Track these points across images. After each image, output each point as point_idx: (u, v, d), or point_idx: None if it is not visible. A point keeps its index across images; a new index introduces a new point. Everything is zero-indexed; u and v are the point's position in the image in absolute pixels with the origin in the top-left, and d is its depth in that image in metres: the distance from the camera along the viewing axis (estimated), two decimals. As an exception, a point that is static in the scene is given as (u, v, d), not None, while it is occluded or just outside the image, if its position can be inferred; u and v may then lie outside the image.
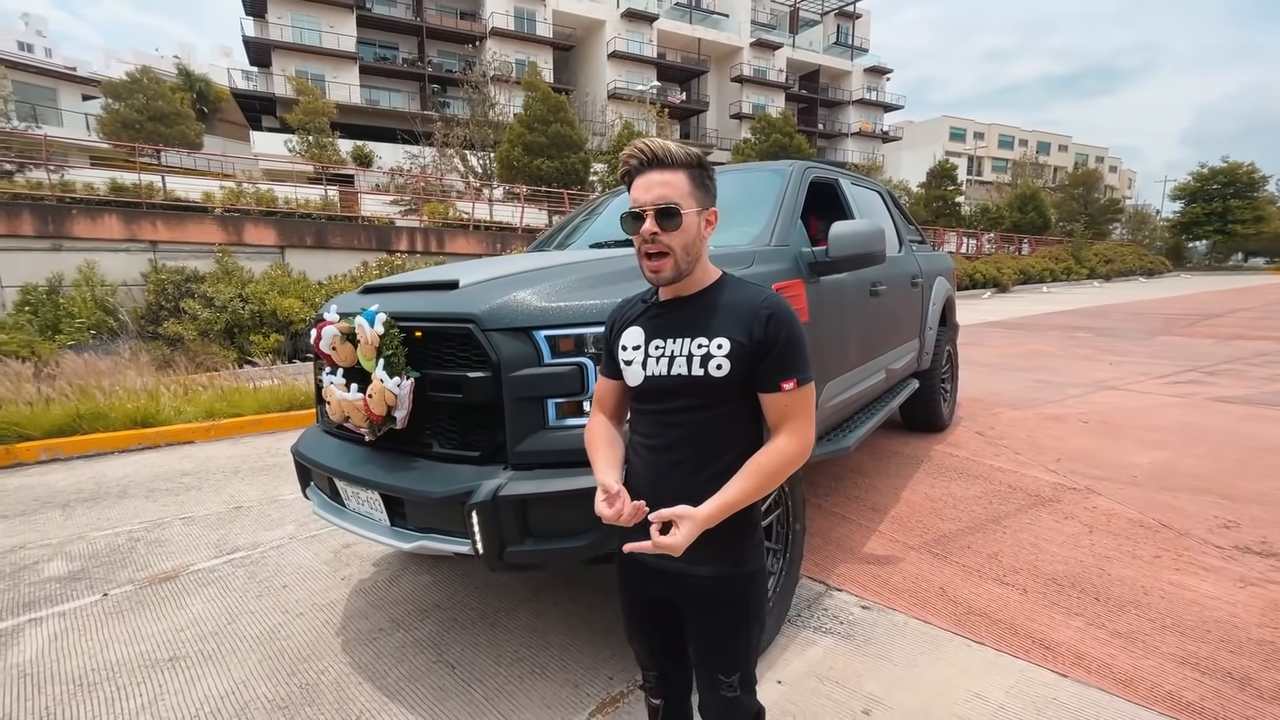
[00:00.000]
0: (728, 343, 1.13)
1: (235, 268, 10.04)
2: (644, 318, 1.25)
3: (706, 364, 1.14)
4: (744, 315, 1.15)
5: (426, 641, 2.34)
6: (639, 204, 1.13)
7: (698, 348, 1.15)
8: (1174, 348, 9.19)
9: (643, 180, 1.14)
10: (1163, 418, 5.14)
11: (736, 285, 1.23)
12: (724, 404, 1.17)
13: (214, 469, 4.63)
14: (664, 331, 1.20)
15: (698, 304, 1.20)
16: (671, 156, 1.14)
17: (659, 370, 1.18)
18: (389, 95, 32.98)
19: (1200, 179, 45.50)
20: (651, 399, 1.21)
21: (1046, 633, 2.25)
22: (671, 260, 1.14)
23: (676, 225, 1.11)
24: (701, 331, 1.16)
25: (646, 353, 1.21)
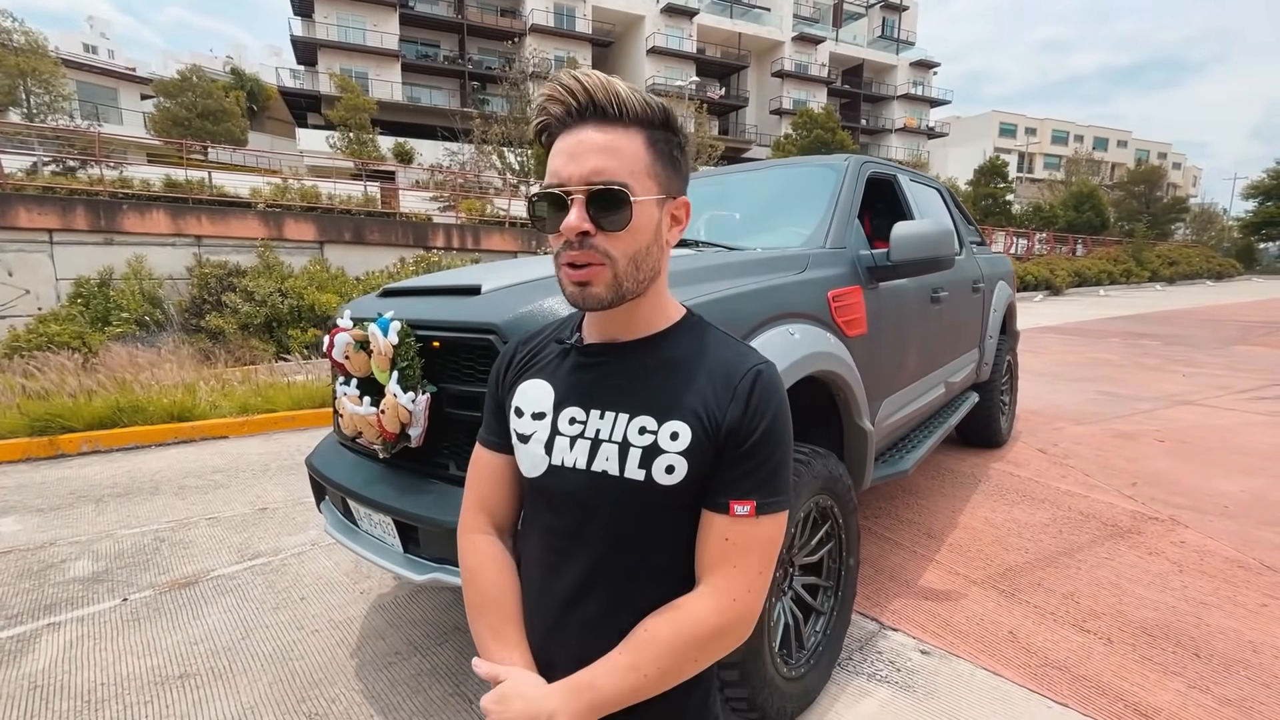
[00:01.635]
0: (687, 431, 0.73)
1: (276, 262, 10.19)
2: (556, 369, 0.82)
3: (650, 462, 0.73)
4: (716, 385, 0.75)
5: (444, 670, 2.18)
6: (560, 179, 0.71)
7: (639, 433, 0.74)
8: (1254, 359, 8.51)
9: (569, 141, 0.71)
10: (1251, 439, 4.68)
11: (706, 333, 0.81)
12: (664, 529, 0.76)
13: (244, 466, 4.60)
14: (586, 396, 0.78)
15: (645, 356, 0.78)
16: (621, 103, 0.70)
17: (572, 460, 0.77)
18: (430, 93, 33.44)
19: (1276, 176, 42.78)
20: (554, 502, 0.80)
21: (1141, 695, 1.96)
22: (607, 272, 0.71)
23: (622, 222, 0.70)
24: (648, 406, 0.75)
25: (554, 427, 0.79)
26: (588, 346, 0.81)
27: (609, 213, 0.70)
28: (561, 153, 0.72)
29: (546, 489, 0.80)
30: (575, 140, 0.71)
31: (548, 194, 0.72)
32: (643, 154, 0.72)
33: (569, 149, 0.71)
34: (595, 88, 0.70)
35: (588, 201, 0.70)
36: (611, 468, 0.75)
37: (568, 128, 0.73)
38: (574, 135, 0.71)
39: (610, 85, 0.71)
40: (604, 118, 0.71)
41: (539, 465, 0.80)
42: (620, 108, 0.71)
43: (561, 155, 0.72)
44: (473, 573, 0.87)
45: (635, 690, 0.72)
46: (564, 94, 0.71)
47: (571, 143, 0.71)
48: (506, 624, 0.83)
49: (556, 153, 0.73)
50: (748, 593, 0.73)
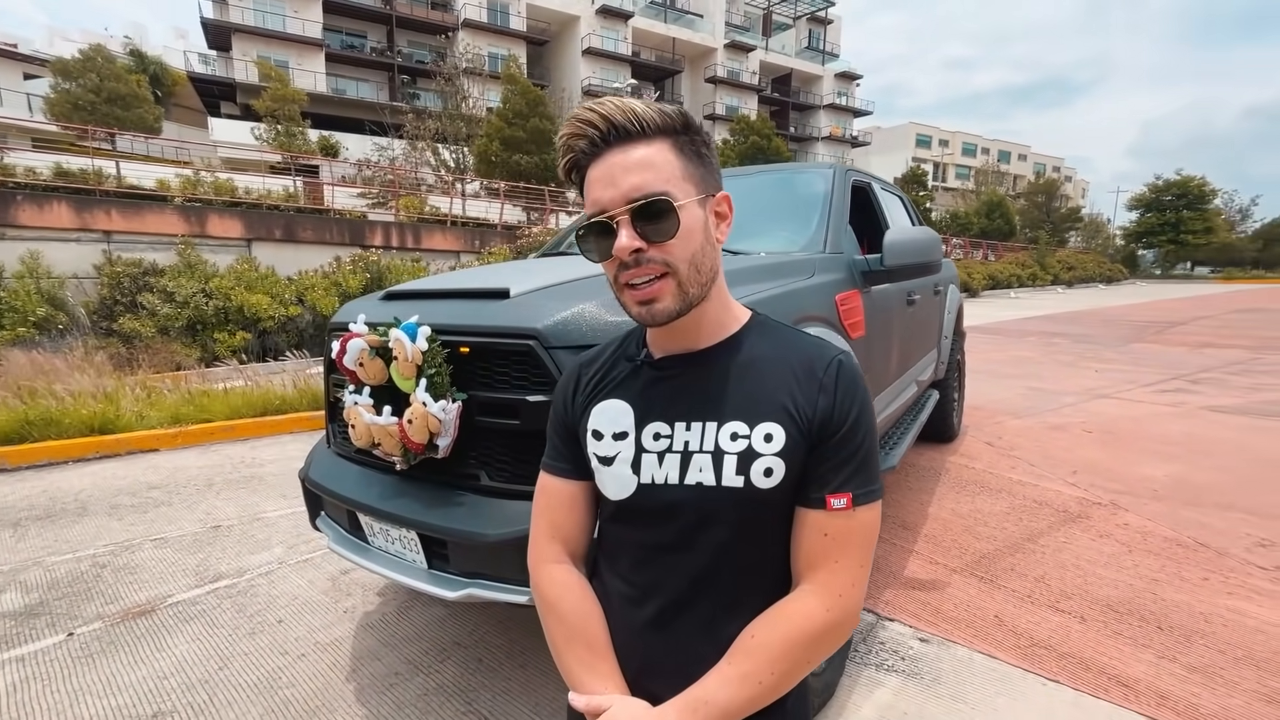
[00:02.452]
0: (780, 431, 0.72)
1: (198, 261, 9.47)
2: (630, 386, 0.80)
3: (748, 467, 0.72)
4: (801, 378, 0.74)
5: (451, 687, 2.10)
6: (602, 206, 0.71)
7: (731, 439, 0.73)
8: (1152, 356, 9.40)
9: (602, 169, 0.72)
10: (1164, 428, 5.17)
11: (777, 331, 0.81)
12: (763, 529, 0.75)
13: (184, 481, 4.26)
14: (668, 410, 0.77)
15: (720, 363, 0.77)
16: (639, 120, 0.71)
17: (663, 476, 0.75)
18: (356, 85, 31.99)
19: (1155, 190, 47.48)
20: (644, 521, 0.78)
21: (1120, 668, 2.12)
22: (673, 284, 0.71)
23: (671, 230, 0.70)
24: (736, 410, 0.74)
25: (639, 445, 0.77)
26: (661, 360, 0.80)
27: (656, 223, 0.70)
28: (597, 182, 0.72)
29: (638, 509, 0.78)
30: (606, 166, 0.72)
31: (594, 224, 0.72)
32: (673, 160, 0.72)
33: (603, 176, 0.72)
34: (611, 113, 0.71)
35: (633, 219, 0.70)
36: (707, 478, 0.73)
37: (595, 158, 0.73)
38: (604, 162, 0.72)
39: (625, 106, 0.72)
40: (628, 138, 0.72)
41: (627, 486, 0.77)
42: (640, 123, 0.72)
43: (598, 184, 0.72)
44: (552, 604, 0.83)
45: (752, 701, 0.70)
46: (584, 127, 0.72)
47: (603, 170, 0.72)
48: (596, 654, 0.79)
49: (592, 183, 0.73)
50: (852, 587, 0.73)
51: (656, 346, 0.81)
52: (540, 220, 17.92)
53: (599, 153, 0.73)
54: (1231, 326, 13.73)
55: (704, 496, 0.74)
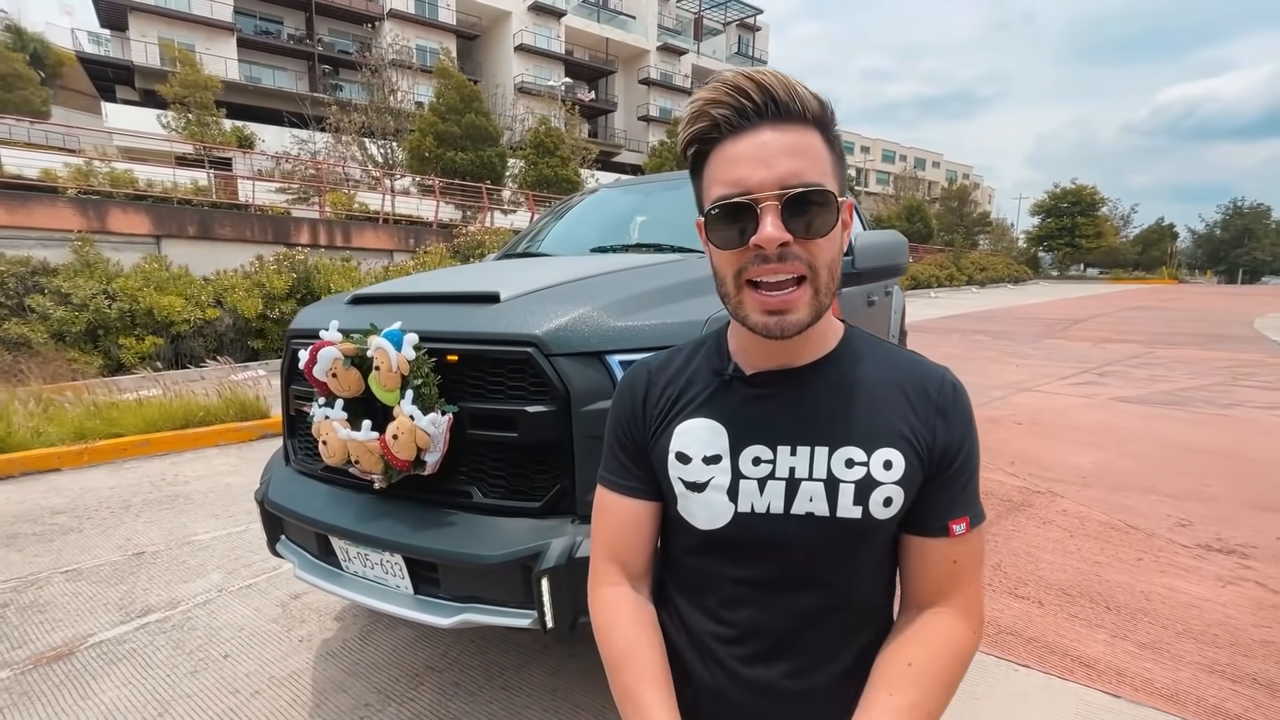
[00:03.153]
0: (899, 458, 0.67)
1: (98, 259, 8.62)
2: (720, 403, 0.73)
3: (867, 497, 0.67)
4: (916, 401, 0.70)
5: (429, 716, 1.97)
6: (748, 188, 0.62)
7: (845, 466, 0.67)
8: (1062, 351, 10.14)
9: (748, 146, 0.63)
10: (1082, 418, 5.57)
11: (875, 344, 0.76)
12: (870, 562, 0.72)
13: (95, 504, 3.85)
14: (769, 432, 0.70)
15: (826, 381, 0.71)
16: (803, 102, 0.63)
17: (765, 505, 0.69)
18: (273, 74, 30.13)
19: (1054, 197, 51.40)
20: (738, 554, 0.72)
21: (1080, 649, 2.25)
22: (809, 292, 0.64)
23: (826, 227, 0.63)
24: (849, 435, 0.68)
25: (736, 469, 0.70)
26: (756, 376, 0.72)
27: (811, 217, 0.62)
28: (744, 159, 0.63)
29: (732, 540, 0.71)
30: (756, 143, 0.63)
31: (733, 205, 0.63)
32: (826, 153, 0.65)
33: (753, 154, 0.62)
34: (774, 85, 0.62)
35: (784, 209, 0.62)
36: (819, 508, 0.68)
37: (739, 132, 0.64)
38: (752, 139, 0.63)
39: (789, 82, 0.63)
40: (785, 117, 0.63)
41: (722, 515, 0.70)
42: (803, 105, 0.63)
43: (745, 162, 0.63)
44: (604, 630, 0.77)
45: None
46: (735, 95, 0.63)
47: (753, 147, 0.63)
48: (642, 684, 0.72)
49: (734, 160, 0.64)
50: (981, 606, 0.73)
51: (749, 358, 0.73)
52: (475, 219, 17.44)
53: (746, 127, 0.63)
54: (1125, 323, 15.04)
55: (814, 528, 0.68)
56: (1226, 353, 9.85)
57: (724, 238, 0.65)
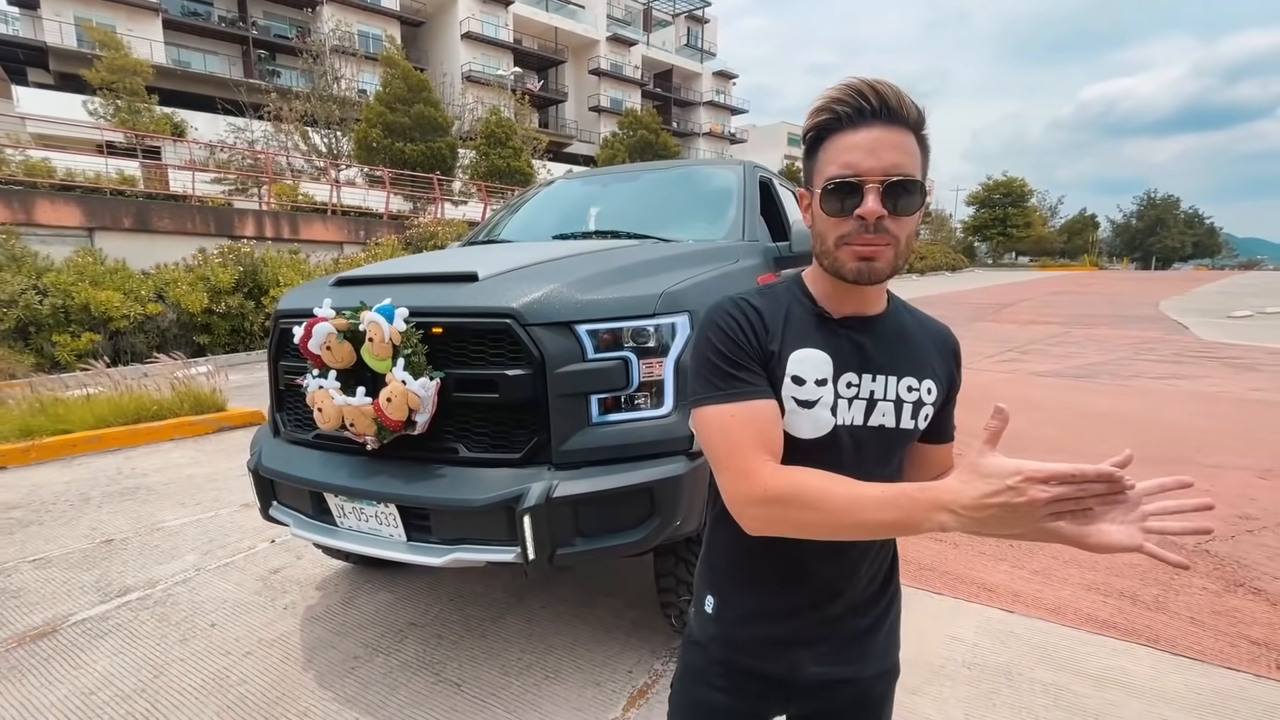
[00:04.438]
0: (935, 387, 0.90)
1: (25, 253, 8.23)
2: (821, 337, 0.88)
3: (918, 413, 0.89)
4: (943, 349, 0.95)
5: (416, 663, 2.16)
6: (859, 171, 0.79)
7: (908, 391, 0.88)
8: (990, 332, 10.88)
9: (862, 138, 0.79)
10: (1003, 391, 6.10)
11: (909, 309, 0.97)
12: (899, 459, 0.95)
13: (51, 498, 3.82)
14: (857, 363, 0.88)
15: (889, 327, 0.91)
16: (907, 109, 0.80)
17: (850, 418, 0.87)
18: (204, 58, 28.68)
19: (987, 189, 53.98)
20: (825, 458, 0.84)
21: (985, 577, 2.61)
22: (890, 251, 0.81)
23: (915, 206, 0.80)
24: (908, 369, 0.89)
25: (836, 391, 0.86)
26: (844, 319, 0.89)
27: (903, 200, 0.79)
28: (857, 148, 0.79)
29: (828, 448, 0.86)
30: (870, 138, 0.79)
31: (847, 183, 0.80)
32: (917, 152, 0.82)
33: (866, 145, 0.79)
34: (889, 94, 0.79)
35: (884, 191, 0.78)
36: (889, 421, 0.87)
37: (852, 126, 0.80)
38: (865, 133, 0.79)
39: (899, 92, 0.80)
40: (893, 120, 0.79)
41: (824, 427, 0.86)
42: (907, 112, 0.80)
43: (858, 150, 0.79)
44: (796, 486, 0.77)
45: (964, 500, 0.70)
46: (856, 96, 0.79)
47: (866, 139, 0.79)
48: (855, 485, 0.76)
49: (849, 147, 0.80)
50: None
51: (835, 305, 0.89)
52: (427, 210, 17.20)
53: (861, 122, 0.79)
54: (1049, 306, 16.13)
55: (884, 436, 0.88)
56: (1133, 331, 10.77)
57: (834, 206, 0.81)
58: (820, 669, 0.93)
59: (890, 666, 0.99)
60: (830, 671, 0.93)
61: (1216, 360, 7.89)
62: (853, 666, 0.94)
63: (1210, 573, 2.64)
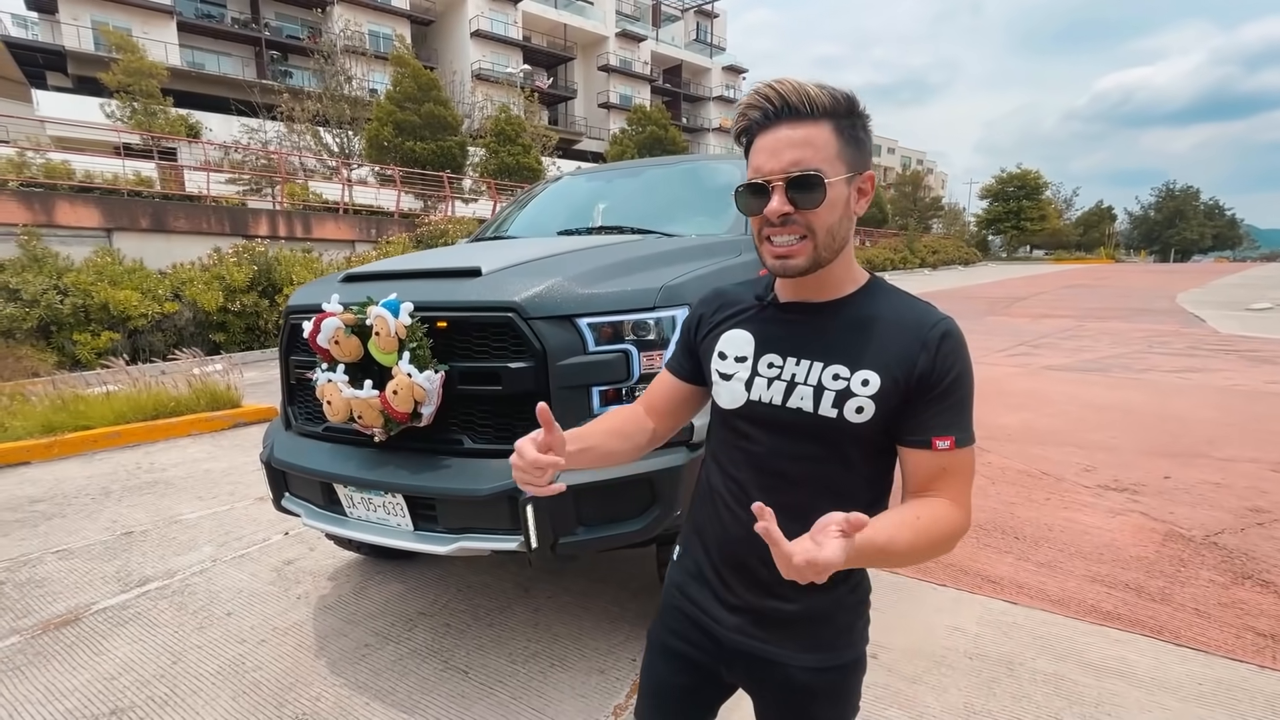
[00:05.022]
0: (876, 379, 0.84)
1: (46, 253, 8.40)
2: (755, 320, 0.95)
3: (843, 403, 0.85)
4: (904, 336, 0.86)
5: (426, 650, 2.21)
6: (762, 173, 0.83)
7: (833, 379, 0.86)
8: (1002, 326, 10.79)
9: (769, 140, 0.83)
10: (1014, 385, 6.07)
11: (892, 295, 0.92)
12: (849, 458, 0.88)
13: (73, 492, 3.92)
14: (784, 346, 0.91)
15: (836, 316, 0.90)
16: (811, 102, 0.82)
17: (769, 397, 0.90)
18: (217, 59, 29.01)
19: (1001, 182, 53.31)
20: (747, 430, 0.93)
21: (989, 570, 2.62)
22: (809, 245, 0.83)
23: (817, 200, 0.81)
24: (841, 357, 0.87)
25: (755, 369, 0.92)
26: (787, 304, 0.93)
27: (805, 194, 0.81)
28: (763, 150, 0.84)
29: (744, 419, 0.93)
30: (774, 139, 0.83)
31: (753, 185, 0.84)
32: (832, 141, 0.82)
33: (769, 147, 0.83)
34: (788, 92, 0.82)
35: (786, 187, 0.81)
36: (806, 405, 0.87)
37: (765, 129, 0.84)
38: (772, 135, 0.83)
39: (801, 87, 0.82)
40: (797, 116, 0.82)
41: (738, 399, 0.92)
42: (810, 105, 0.81)
43: (763, 153, 0.84)
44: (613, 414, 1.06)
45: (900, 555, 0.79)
46: (762, 101, 0.83)
47: (770, 141, 0.83)
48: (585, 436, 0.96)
49: (758, 150, 0.85)
50: (969, 505, 0.87)
51: (784, 292, 0.94)
52: (437, 208, 17.32)
53: (770, 125, 0.83)
54: (1062, 300, 15.94)
55: (799, 421, 0.88)
56: (1148, 325, 10.64)
57: (749, 206, 0.87)
58: (739, 638, 0.95)
59: (833, 665, 0.93)
60: (748, 645, 0.94)
61: (1233, 353, 7.79)
62: (776, 648, 0.93)
63: (1218, 565, 2.63)
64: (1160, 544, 2.81)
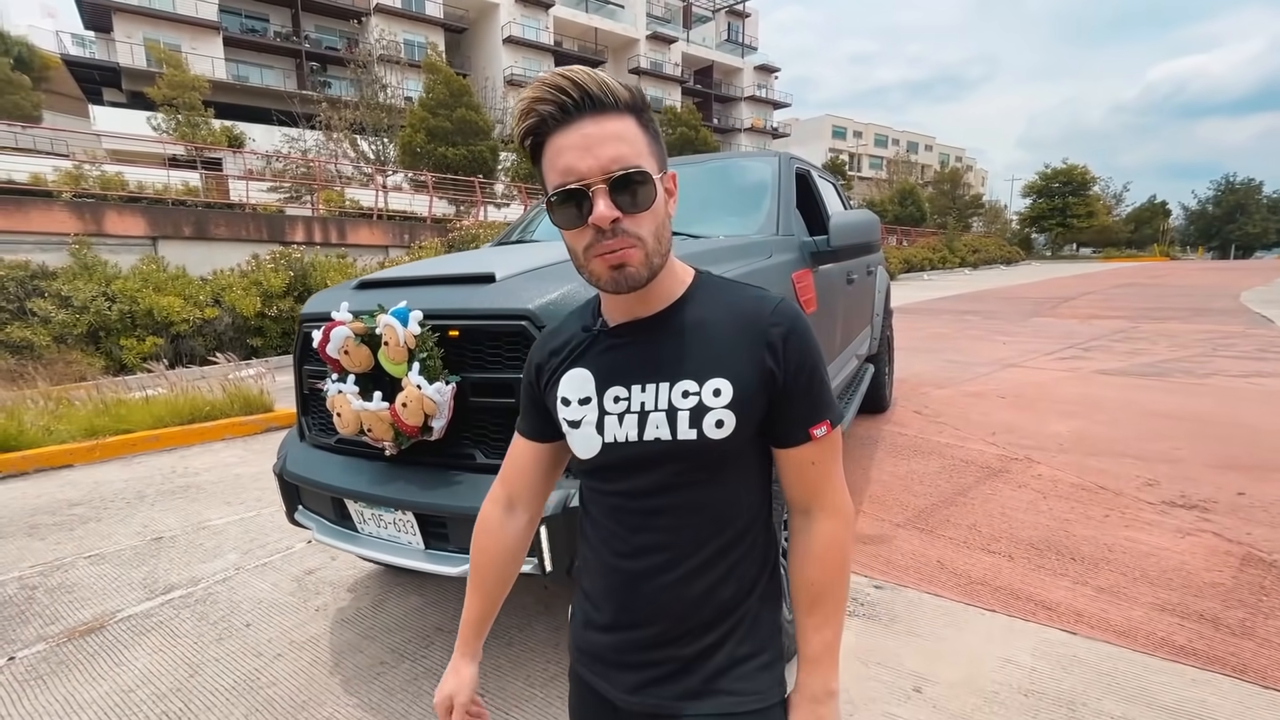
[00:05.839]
0: (727, 386, 0.76)
1: (96, 261, 8.71)
2: (590, 354, 0.84)
3: (700, 421, 0.76)
4: (746, 335, 0.78)
5: (441, 670, 2.13)
6: (578, 175, 0.71)
7: (682, 396, 0.77)
8: (1049, 328, 10.32)
9: (573, 138, 0.71)
10: (1064, 390, 5.74)
11: (719, 288, 0.84)
12: (724, 473, 0.80)
13: (110, 495, 3.99)
14: (625, 374, 0.81)
15: (669, 326, 0.81)
16: (613, 94, 0.72)
17: (625, 434, 0.79)
18: (260, 72, 29.99)
19: (1045, 178, 51.56)
20: (614, 476, 0.83)
21: (1044, 594, 2.42)
22: (641, 253, 0.73)
23: (647, 202, 0.72)
24: (685, 370, 0.78)
25: (602, 408, 0.81)
26: (615, 328, 0.82)
27: (633, 195, 0.71)
28: (571, 149, 0.71)
29: (605, 465, 0.82)
30: (580, 135, 0.71)
31: (569, 192, 0.71)
32: (640, 136, 0.74)
33: (578, 144, 0.71)
34: (586, 82, 0.71)
35: (611, 190, 0.71)
36: (663, 433, 0.77)
37: (562, 125, 0.72)
38: (576, 131, 0.71)
39: (598, 77, 0.72)
40: (601, 109, 0.71)
41: (594, 445, 0.81)
42: (614, 97, 0.72)
43: (572, 151, 0.71)
44: (480, 536, 0.99)
45: (837, 639, 0.81)
46: (555, 93, 0.71)
47: (577, 138, 0.71)
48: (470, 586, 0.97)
49: (561, 150, 0.72)
50: (843, 493, 0.83)
51: (611, 314, 0.83)
52: (469, 213, 17.50)
53: (568, 120, 0.71)
54: (1113, 300, 15.22)
55: (662, 451, 0.77)
56: (1209, 325, 10.04)
57: (566, 219, 0.74)
58: (637, 698, 0.82)
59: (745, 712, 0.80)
60: (649, 703, 0.82)
61: (1306, 356, 7.26)
62: (678, 702, 0.80)
63: (1305, 594, 2.38)
64: (1238, 569, 2.56)
